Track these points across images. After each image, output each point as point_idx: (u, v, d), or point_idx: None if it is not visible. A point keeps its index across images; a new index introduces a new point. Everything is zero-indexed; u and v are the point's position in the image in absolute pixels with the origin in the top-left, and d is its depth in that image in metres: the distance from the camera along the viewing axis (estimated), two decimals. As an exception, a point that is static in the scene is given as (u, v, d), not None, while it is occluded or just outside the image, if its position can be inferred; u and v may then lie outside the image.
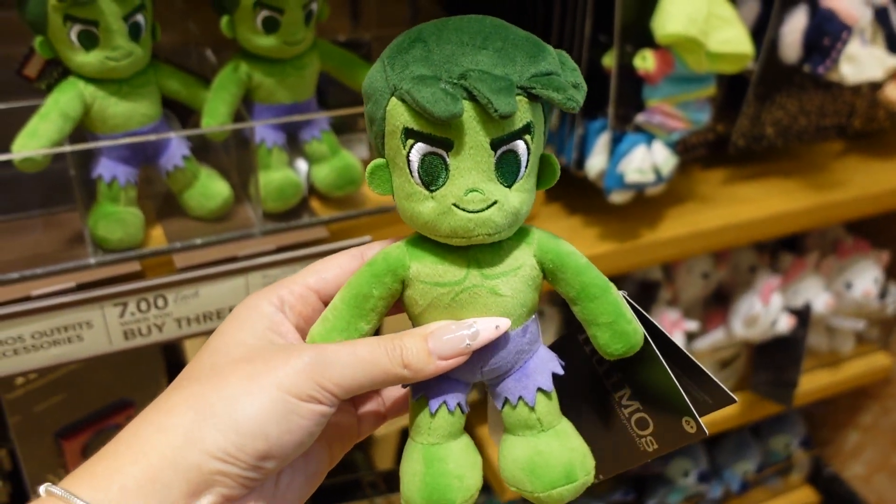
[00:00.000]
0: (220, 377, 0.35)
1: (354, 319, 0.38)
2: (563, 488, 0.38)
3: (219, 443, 0.33)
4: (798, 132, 0.99)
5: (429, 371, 0.37)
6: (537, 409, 0.39)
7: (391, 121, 0.35)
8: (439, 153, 0.35)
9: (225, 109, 0.65)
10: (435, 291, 0.37)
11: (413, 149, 0.35)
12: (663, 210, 0.91)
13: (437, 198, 0.35)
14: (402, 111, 0.34)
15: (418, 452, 0.39)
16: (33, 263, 0.62)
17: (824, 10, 0.84)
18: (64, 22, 0.57)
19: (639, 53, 0.76)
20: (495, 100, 0.33)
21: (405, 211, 0.37)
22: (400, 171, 0.36)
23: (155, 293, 0.63)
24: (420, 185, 0.35)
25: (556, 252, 0.38)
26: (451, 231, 0.36)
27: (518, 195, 0.36)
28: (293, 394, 0.34)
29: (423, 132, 0.34)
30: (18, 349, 0.60)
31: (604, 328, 0.38)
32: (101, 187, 0.63)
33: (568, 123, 0.83)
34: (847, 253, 1.15)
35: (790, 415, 1.39)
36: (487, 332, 0.37)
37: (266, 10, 0.62)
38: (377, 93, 0.36)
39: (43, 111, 0.59)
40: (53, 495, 0.32)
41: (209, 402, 0.34)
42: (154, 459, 0.33)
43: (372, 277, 0.38)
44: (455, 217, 0.35)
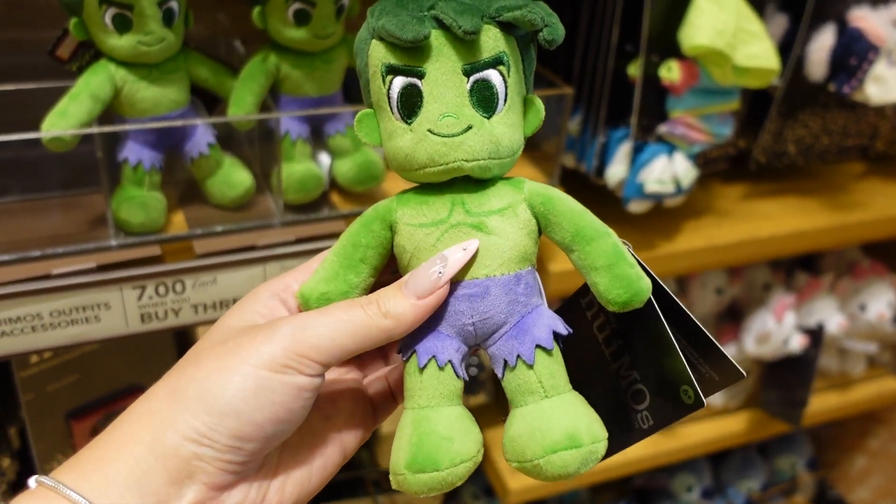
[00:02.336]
0: (196, 361, 0.35)
1: (343, 270, 0.38)
2: (566, 453, 0.34)
3: (190, 424, 0.33)
4: (820, 151, 0.98)
5: (410, 314, 0.35)
6: (536, 369, 0.36)
7: (372, 63, 0.36)
8: (415, 83, 0.35)
9: (252, 99, 0.66)
10: (420, 233, 0.37)
11: (392, 84, 0.36)
12: (680, 222, 0.91)
13: (413, 128, 0.36)
14: (381, 49, 0.36)
15: (408, 418, 0.37)
16: (55, 243, 0.62)
17: (852, 29, 0.84)
18: (99, 5, 0.57)
19: (664, 64, 0.76)
20: (459, 18, 0.34)
21: (389, 152, 0.37)
22: (384, 112, 0.37)
23: (174, 278, 0.63)
24: (399, 119, 0.36)
25: (545, 195, 0.37)
26: (428, 158, 0.35)
27: (499, 126, 0.36)
28: (267, 367, 0.33)
29: (399, 65, 0.35)
30: (36, 326, 0.61)
31: (603, 272, 0.36)
32: (126, 170, 0.64)
33: (590, 131, 0.83)
34: (863, 275, 1.14)
35: (797, 435, 1.38)
36: (455, 256, 0.35)
37: (298, 3, 0.62)
38: (361, 43, 0.37)
39: (73, 92, 0.60)
40: (44, 485, 0.32)
41: (181, 387, 0.34)
42: (132, 447, 0.33)
43: (361, 227, 0.38)
44: (430, 142, 0.35)
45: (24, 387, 0.76)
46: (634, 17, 0.75)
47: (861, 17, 0.84)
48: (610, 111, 0.81)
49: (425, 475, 0.35)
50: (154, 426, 0.33)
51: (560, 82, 0.77)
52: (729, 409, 1.15)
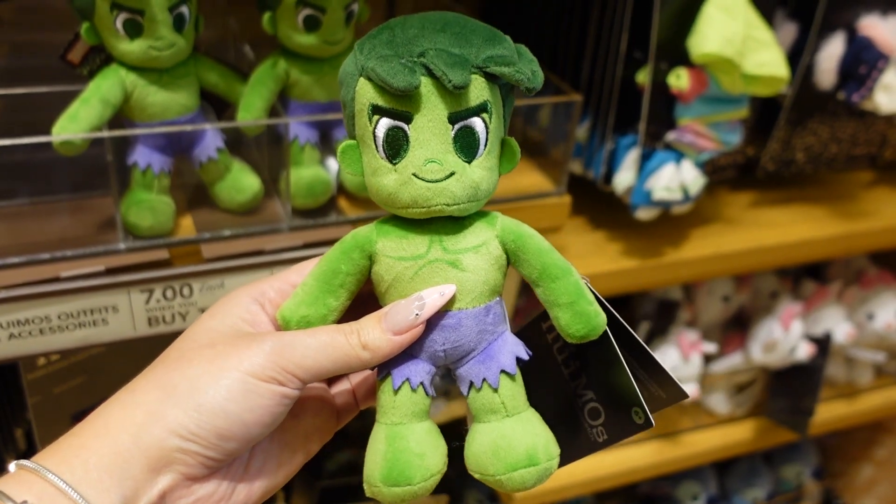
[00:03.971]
0: (184, 360, 0.37)
1: (323, 295, 0.39)
2: (525, 471, 0.38)
3: (180, 419, 0.35)
4: (828, 160, 0.98)
5: (386, 349, 0.38)
6: (500, 392, 0.39)
7: (359, 99, 0.37)
8: (401, 126, 0.37)
9: (261, 104, 0.66)
10: (399, 266, 0.39)
11: (378, 124, 0.37)
12: (688, 230, 0.91)
13: (398, 169, 0.37)
14: (369, 89, 0.37)
15: (381, 432, 0.39)
16: (64, 245, 0.62)
17: (862, 38, 0.84)
18: (111, 10, 0.58)
19: (673, 71, 0.76)
20: (449, 72, 0.35)
21: (371, 186, 0.39)
22: (368, 148, 0.38)
23: (181, 282, 0.63)
24: (384, 158, 0.37)
25: (517, 233, 0.40)
26: (411, 200, 0.37)
27: (479, 171, 0.38)
28: (255, 375, 0.36)
29: (387, 107, 0.36)
30: (44, 329, 0.61)
31: (565, 308, 0.39)
32: (135, 174, 0.64)
33: (598, 137, 0.83)
34: (870, 284, 1.14)
35: (803, 444, 1.37)
36: (432, 299, 0.38)
37: (308, 9, 0.62)
38: (348, 77, 0.38)
39: (84, 96, 0.60)
40: (25, 468, 0.34)
41: (172, 383, 0.36)
42: (116, 436, 0.34)
43: (341, 254, 0.39)
44: (414, 186, 0.37)
45: (31, 389, 0.76)
46: (643, 24, 0.75)
47: (871, 26, 0.84)
48: (618, 118, 0.81)
49: (399, 489, 0.38)
50: (141, 417, 0.35)
51: (568, 89, 0.77)
52: (735, 417, 1.15)
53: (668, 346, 1.00)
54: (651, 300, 1.03)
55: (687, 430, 1.12)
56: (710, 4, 0.74)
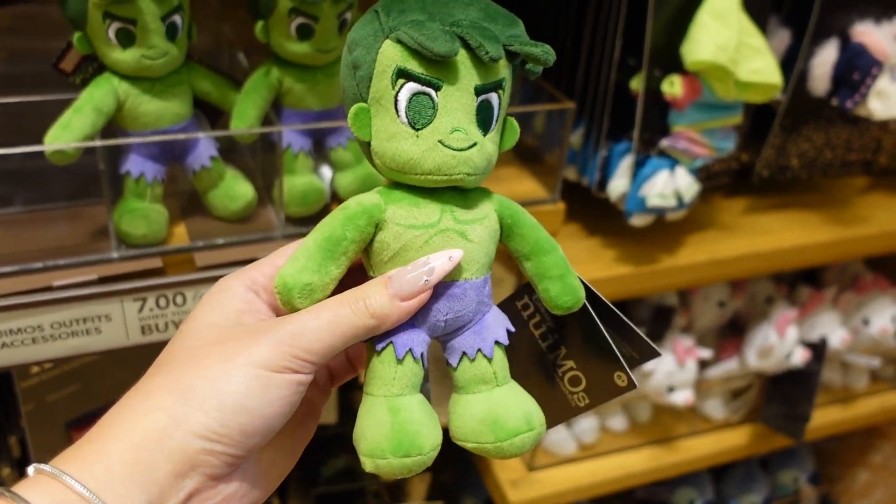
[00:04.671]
0: (196, 360, 0.36)
1: (326, 262, 0.38)
2: (525, 435, 0.39)
3: (203, 421, 0.34)
4: (823, 166, 0.98)
5: (394, 316, 0.37)
6: (494, 362, 0.40)
7: (382, 61, 0.37)
8: (428, 93, 0.37)
9: (254, 112, 0.66)
10: (409, 234, 0.38)
11: (403, 88, 0.37)
12: (683, 236, 0.91)
13: (422, 135, 0.37)
14: (396, 52, 0.36)
15: (381, 405, 0.39)
16: (57, 254, 0.62)
17: (855, 44, 0.84)
18: (103, 19, 0.58)
19: (667, 78, 0.76)
20: (486, 44, 0.36)
21: (386, 151, 0.38)
22: (384, 111, 0.37)
23: (174, 290, 0.63)
24: (406, 123, 0.37)
25: (513, 208, 0.41)
26: (435, 167, 0.37)
27: (490, 145, 0.39)
28: (269, 368, 0.35)
29: (416, 72, 0.36)
30: (37, 338, 0.61)
31: (556, 281, 0.40)
32: (128, 183, 0.64)
33: (592, 144, 0.84)
34: (866, 289, 1.14)
35: (800, 449, 1.37)
36: (442, 263, 0.38)
37: (301, 18, 0.62)
38: (368, 38, 0.37)
39: (77, 105, 0.60)
40: (44, 473, 0.33)
41: (190, 385, 0.35)
42: (138, 441, 0.34)
43: (346, 220, 0.38)
44: (440, 153, 0.37)
45: (24, 397, 0.76)
46: (637, 31, 0.75)
47: (864, 33, 0.84)
48: (612, 125, 0.81)
49: (409, 459, 0.37)
50: (163, 422, 0.34)
51: (562, 96, 0.77)
52: (731, 422, 1.15)
53: (664, 351, 1.00)
54: (646, 306, 1.03)
55: (683, 435, 1.12)
56: (704, 11, 0.74)
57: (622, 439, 1.09)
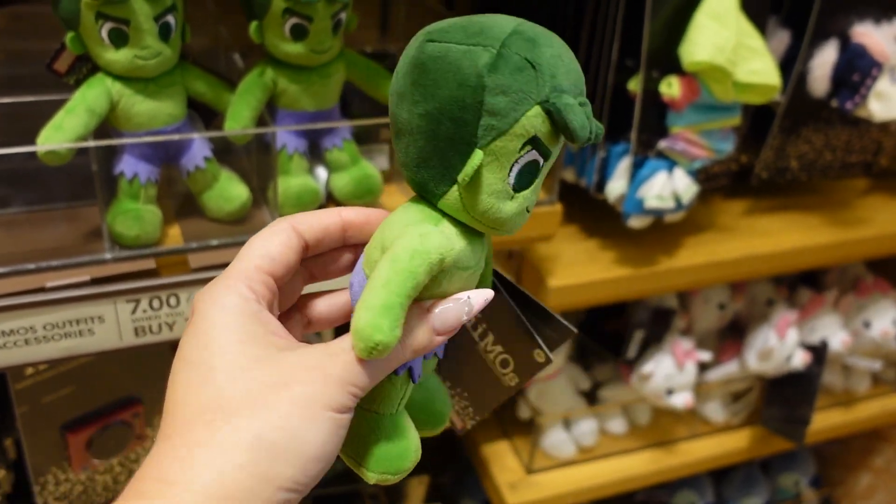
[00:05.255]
0: (263, 408, 0.34)
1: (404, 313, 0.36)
2: None
3: (288, 474, 0.33)
4: (823, 167, 0.98)
5: (428, 349, 0.38)
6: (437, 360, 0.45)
7: (524, 125, 0.35)
8: (539, 162, 0.37)
9: (248, 113, 0.65)
10: (459, 276, 0.39)
11: (527, 154, 0.36)
12: (681, 238, 0.91)
13: (517, 199, 0.38)
14: (540, 121, 0.36)
15: (388, 423, 0.40)
16: (50, 255, 0.62)
17: (855, 45, 0.83)
18: (96, 19, 0.57)
19: (665, 79, 0.76)
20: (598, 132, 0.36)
21: (482, 204, 0.37)
22: (499, 168, 0.36)
23: (168, 292, 0.63)
24: (511, 185, 0.37)
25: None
26: (510, 228, 0.39)
27: None
28: (336, 409, 0.35)
29: (545, 144, 0.36)
30: (30, 339, 0.61)
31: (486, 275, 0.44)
32: (122, 184, 0.63)
33: (590, 146, 0.83)
34: (867, 291, 1.13)
35: (801, 452, 1.36)
36: (479, 303, 0.39)
37: (295, 18, 0.62)
38: (519, 93, 0.35)
39: (69, 105, 0.60)
40: None
41: (267, 438, 0.33)
42: (214, 500, 0.32)
43: (429, 269, 0.36)
44: (522, 218, 0.39)
45: (19, 399, 0.75)
46: (635, 32, 0.74)
47: (864, 34, 0.84)
48: (610, 126, 0.81)
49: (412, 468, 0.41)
50: (247, 482, 0.32)
51: (559, 97, 0.76)
52: (731, 425, 1.14)
53: (663, 354, 1.00)
54: (646, 308, 1.03)
55: (683, 438, 1.11)
56: (702, 12, 0.74)
57: (622, 442, 1.09)
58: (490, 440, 1.06)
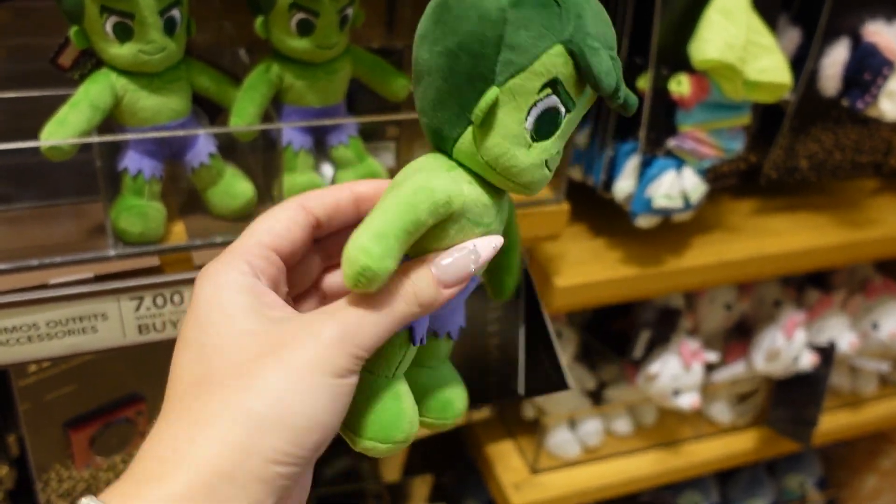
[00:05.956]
0: (250, 377, 0.32)
1: (404, 246, 0.34)
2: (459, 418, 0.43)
3: (278, 447, 0.32)
4: (833, 167, 0.97)
5: (437, 304, 0.36)
6: (452, 342, 0.42)
7: (545, 62, 0.34)
8: (561, 111, 0.35)
9: (254, 109, 0.65)
10: (472, 230, 0.37)
11: (547, 98, 0.34)
12: (689, 237, 0.90)
13: (535, 149, 0.35)
14: (562, 62, 0.34)
15: (384, 388, 0.37)
16: (53, 252, 0.62)
17: (866, 44, 0.82)
18: (100, 13, 0.57)
19: (674, 77, 0.75)
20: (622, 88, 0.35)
21: (494, 148, 0.35)
22: (516, 109, 0.35)
23: (172, 289, 0.62)
24: (528, 130, 0.35)
25: (512, 205, 0.42)
26: (529, 182, 0.36)
27: None
28: (333, 374, 0.33)
29: (568, 91, 0.34)
30: (32, 336, 0.60)
31: (513, 275, 0.44)
32: (126, 180, 0.63)
33: (598, 144, 0.82)
34: (875, 293, 1.12)
35: (807, 454, 1.36)
36: (487, 252, 0.36)
37: (301, 13, 0.62)
38: (542, 28, 0.34)
39: (73, 100, 0.59)
40: None
41: (255, 410, 0.32)
42: (208, 478, 0.31)
43: (433, 207, 0.35)
44: (541, 172, 0.36)
45: (22, 396, 0.75)
46: (644, 29, 0.74)
47: (876, 32, 0.83)
48: (618, 124, 0.80)
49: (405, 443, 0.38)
50: (234, 455, 0.31)
51: (567, 95, 0.76)
52: (737, 426, 1.14)
53: (670, 354, 0.99)
54: (652, 308, 1.02)
55: (688, 439, 1.11)
56: (712, 9, 0.73)
57: (627, 442, 1.08)
58: (494, 440, 1.05)
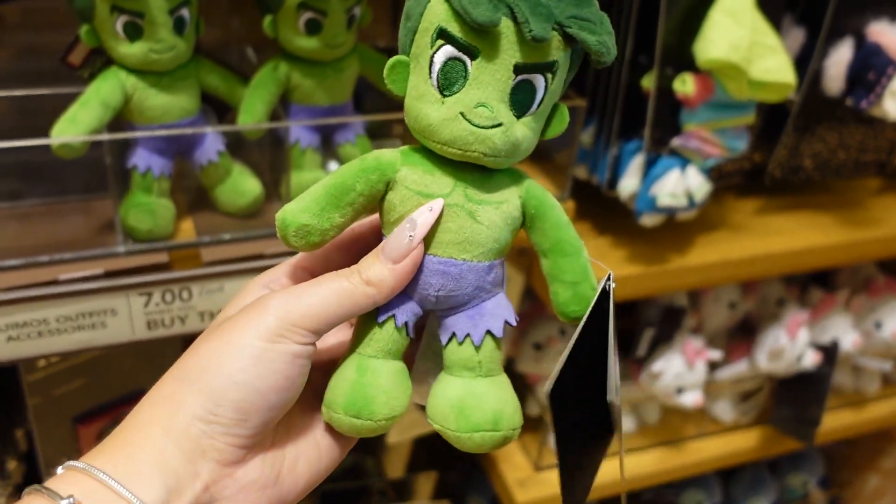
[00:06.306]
0: (196, 346, 0.37)
1: (329, 207, 0.37)
2: (487, 433, 0.38)
3: (198, 402, 0.35)
4: (837, 167, 0.97)
5: (390, 280, 0.37)
6: (482, 351, 0.39)
7: (428, 17, 0.35)
8: (463, 59, 0.35)
9: (262, 108, 0.65)
10: (416, 200, 0.37)
11: (440, 50, 0.35)
12: (693, 236, 0.90)
13: (447, 103, 0.36)
14: (442, 11, 0.35)
15: (353, 361, 0.38)
16: (63, 248, 0.62)
17: (871, 44, 0.83)
18: (111, 12, 0.57)
19: (679, 77, 0.75)
20: (533, 20, 0.34)
21: (412, 110, 0.37)
22: (420, 69, 0.36)
23: (180, 285, 0.63)
24: (435, 87, 0.36)
25: (541, 199, 0.39)
26: (450, 139, 0.36)
27: (523, 129, 0.37)
28: (263, 338, 0.35)
29: (455, 35, 0.35)
30: (43, 332, 0.61)
31: (567, 286, 0.39)
32: (135, 177, 0.64)
33: (602, 143, 0.83)
34: (878, 292, 1.13)
35: (809, 453, 1.36)
36: (423, 218, 0.37)
37: (309, 12, 0.62)
38: None
39: (83, 98, 0.60)
40: (74, 469, 0.34)
41: (186, 369, 0.36)
42: (151, 431, 0.35)
43: (359, 171, 0.37)
44: (458, 125, 0.35)
45: (31, 390, 0.76)
46: (649, 29, 0.74)
47: (880, 32, 0.83)
48: (623, 123, 0.80)
49: (359, 420, 0.37)
50: (166, 409, 0.35)
51: (573, 94, 0.76)
52: (740, 425, 1.14)
53: (673, 353, 0.99)
54: (656, 307, 1.02)
55: (691, 437, 1.11)
56: (717, 10, 0.73)
57: (630, 440, 1.09)
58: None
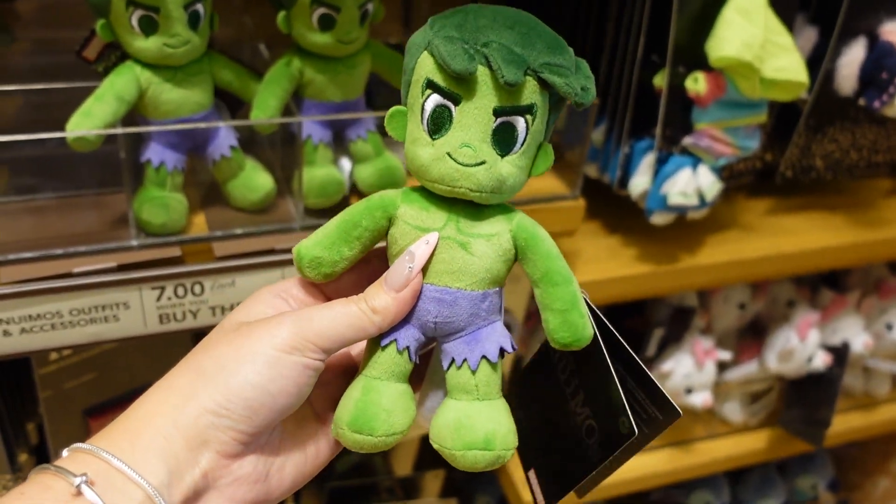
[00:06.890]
0: (211, 345, 0.40)
1: (339, 242, 0.42)
2: (479, 452, 0.41)
3: (211, 396, 0.38)
4: (849, 167, 0.97)
5: (393, 308, 0.40)
6: (477, 375, 0.42)
7: (418, 70, 0.40)
8: (448, 106, 0.39)
9: (275, 103, 0.66)
10: (414, 233, 0.41)
11: (429, 98, 0.39)
12: (704, 236, 0.90)
13: (436, 145, 0.40)
14: (429, 64, 0.39)
15: (360, 382, 0.42)
16: (77, 241, 0.63)
17: (884, 43, 0.82)
18: (126, 7, 0.58)
19: (691, 75, 0.75)
20: (505, 67, 0.37)
21: (408, 153, 0.41)
22: (414, 117, 0.41)
23: (193, 279, 0.63)
24: (426, 131, 0.40)
25: (530, 233, 0.42)
26: (438, 176, 0.40)
27: (508, 166, 0.40)
28: (277, 349, 0.39)
29: (440, 84, 0.39)
30: (56, 324, 0.61)
31: (556, 314, 0.41)
32: (148, 171, 0.64)
33: (614, 141, 0.83)
34: (889, 293, 1.12)
35: (819, 455, 1.35)
36: (421, 250, 0.40)
37: (323, 8, 0.62)
38: (414, 46, 0.41)
39: (98, 93, 0.60)
40: (79, 451, 0.37)
41: (202, 366, 0.39)
42: (156, 419, 0.38)
43: (365, 209, 0.42)
44: (445, 165, 0.39)
45: (42, 383, 0.76)
46: (661, 27, 0.74)
47: (893, 32, 0.83)
48: (634, 122, 0.80)
49: (360, 436, 0.41)
50: (176, 399, 0.38)
51: (584, 92, 0.76)
52: (749, 426, 1.14)
53: (683, 353, 0.99)
54: (666, 306, 1.02)
55: (700, 438, 1.11)
56: (730, 8, 0.73)
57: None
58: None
